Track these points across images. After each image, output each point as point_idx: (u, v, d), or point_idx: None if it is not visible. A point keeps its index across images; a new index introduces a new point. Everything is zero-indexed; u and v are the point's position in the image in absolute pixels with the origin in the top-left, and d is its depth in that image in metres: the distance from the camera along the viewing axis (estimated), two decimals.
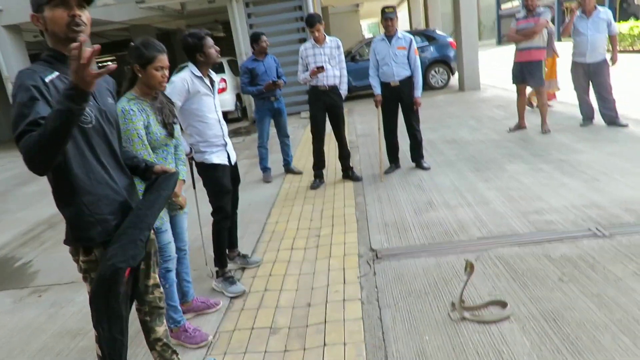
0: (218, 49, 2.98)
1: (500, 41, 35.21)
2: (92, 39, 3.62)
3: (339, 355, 2.26)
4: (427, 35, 11.86)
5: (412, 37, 5.06)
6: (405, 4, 18.79)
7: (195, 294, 2.89)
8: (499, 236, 3.31)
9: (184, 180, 2.60)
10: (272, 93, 5.36)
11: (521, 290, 2.58)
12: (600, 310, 2.30)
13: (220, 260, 3.10)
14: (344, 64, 5.01)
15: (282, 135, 5.66)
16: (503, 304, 2.43)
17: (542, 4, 6.98)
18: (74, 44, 1.24)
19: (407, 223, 3.78)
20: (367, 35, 33.02)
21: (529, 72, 6.01)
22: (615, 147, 5.03)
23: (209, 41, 2.89)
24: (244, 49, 10.29)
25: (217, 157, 3.02)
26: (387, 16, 4.90)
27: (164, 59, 2.29)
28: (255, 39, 5.23)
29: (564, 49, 7.54)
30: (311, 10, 9.88)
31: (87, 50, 1.23)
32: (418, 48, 11.21)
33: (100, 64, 20.00)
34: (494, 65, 16.06)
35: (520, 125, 6.41)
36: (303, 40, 10.17)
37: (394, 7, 5.17)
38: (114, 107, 1.77)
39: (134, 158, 1.91)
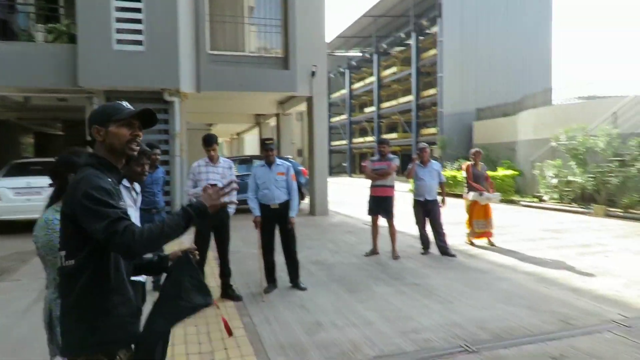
0: (147, 171, 2.91)
1: (330, 172, 39.84)
2: None
3: None
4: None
5: (289, 164, 5.66)
6: (256, 129, 20.36)
7: None
8: (390, 354, 3.63)
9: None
10: (154, 205, 5.20)
11: None
12: None
13: None
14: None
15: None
16: None
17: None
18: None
19: (303, 344, 3.86)
20: None
21: (382, 205, 7.05)
22: (452, 273, 6.08)
23: (143, 159, 2.86)
24: None
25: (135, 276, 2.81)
26: (268, 147, 5.46)
27: None
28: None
29: (401, 188, 9.09)
30: (177, 122, 10.07)
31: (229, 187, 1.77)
32: None
33: None
34: (329, 194, 18.03)
35: (374, 251, 7.28)
36: (165, 152, 10.16)
37: (272, 139, 5.81)
38: None
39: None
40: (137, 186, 2.95)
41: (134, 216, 2.86)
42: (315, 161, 11.84)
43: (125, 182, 2.80)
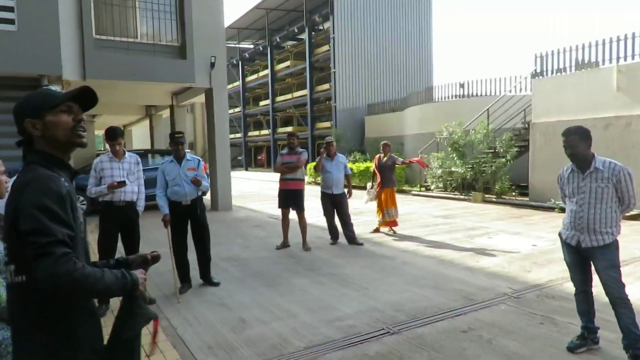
0: None
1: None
2: None
3: None
4: None
5: (200, 159, 5.47)
6: (146, 121, 19.10)
7: None
8: (320, 344, 3.72)
9: None
10: None
11: None
12: None
13: None
14: (142, 180, 4.91)
15: None
16: None
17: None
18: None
19: (231, 343, 3.77)
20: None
21: (292, 199, 7.12)
22: (363, 261, 6.38)
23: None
24: None
25: None
26: (178, 141, 5.21)
27: None
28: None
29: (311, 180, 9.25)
30: None
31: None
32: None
33: None
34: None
35: (285, 244, 7.33)
36: None
37: (182, 133, 5.54)
38: None
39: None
40: None
41: None
42: (216, 155, 11.50)
43: None
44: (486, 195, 13.05)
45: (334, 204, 7.50)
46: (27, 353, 1.44)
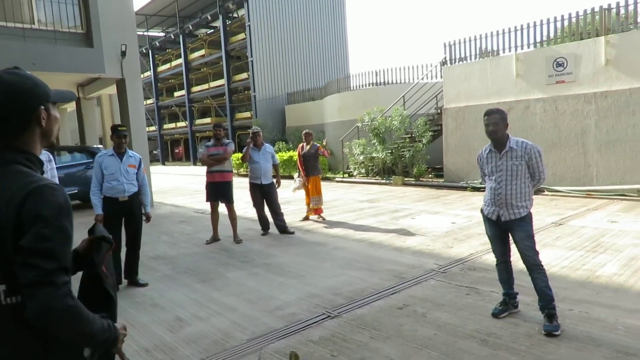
0: None
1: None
2: None
3: None
4: (88, 152, 11.50)
5: (140, 156, 5.24)
6: None
7: None
8: (263, 334, 3.70)
9: None
10: None
11: None
12: None
13: None
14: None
15: None
16: None
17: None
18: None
19: (169, 343, 3.63)
20: None
21: (221, 191, 6.95)
22: (295, 249, 6.43)
23: None
24: None
25: None
26: (121, 134, 4.96)
27: None
28: None
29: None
30: None
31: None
32: (84, 165, 10.74)
33: None
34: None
35: (215, 238, 7.15)
36: None
37: (125, 127, 5.27)
38: None
39: None
40: None
41: None
42: (134, 149, 10.82)
43: None
44: (405, 179, 13.71)
45: (264, 195, 7.44)
46: None
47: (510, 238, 3.73)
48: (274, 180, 7.56)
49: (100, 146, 13.23)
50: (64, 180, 4.75)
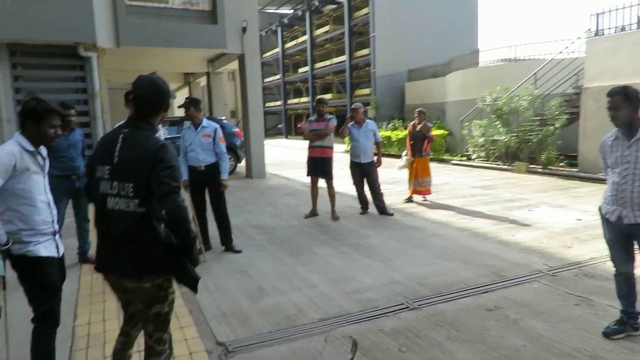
0: (58, 132, 2.58)
1: (265, 134, 39.06)
2: None
3: None
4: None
5: (217, 126, 5.39)
6: (186, 89, 19.28)
7: None
8: (335, 316, 3.61)
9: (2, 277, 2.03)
10: (73, 171, 4.71)
11: None
12: None
13: None
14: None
15: (81, 218, 4.93)
16: None
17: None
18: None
19: (246, 311, 3.73)
20: None
21: (320, 167, 6.95)
22: (391, 232, 6.19)
23: (54, 119, 2.49)
24: (5, 114, 8.68)
25: (45, 249, 2.49)
26: (188, 106, 5.19)
27: None
28: None
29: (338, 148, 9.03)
30: (95, 80, 9.17)
31: None
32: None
33: None
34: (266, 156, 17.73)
35: (313, 212, 7.22)
36: (84, 114, 9.30)
37: (190, 98, 5.58)
38: None
39: None
40: (43, 150, 2.58)
41: (41, 182, 2.52)
42: (250, 122, 11.43)
43: (28, 145, 2.43)
44: (531, 166, 12.36)
45: (363, 173, 7.26)
46: (149, 262, 2.10)
47: (636, 245, 3.06)
48: (375, 159, 7.32)
49: (223, 117, 14.20)
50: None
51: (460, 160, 15.07)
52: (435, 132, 16.32)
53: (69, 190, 4.73)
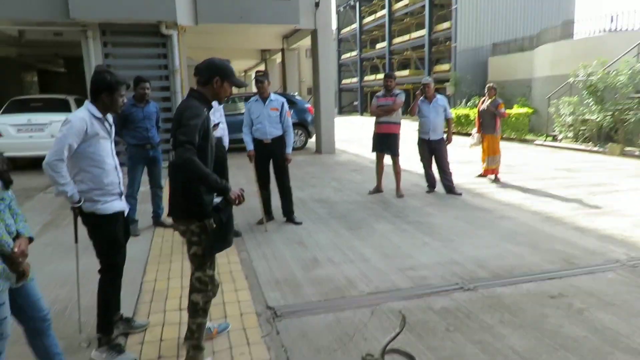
0: (125, 102, 2.79)
1: (340, 111, 39.08)
2: None
3: None
4: (286, 99, 12.63)
5: (284, 100, 5.45)
6: (262, 66, 19.75)
7: None
8: (385, 291, 3.59)
9: (30, 239, 2.15)
10: (148, 141, 5.06)
11: (418, 341, 2.83)
12: (485, 354, 2.66)
13: (107, 326, 2.70)
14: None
15: (155, 185, 5.31)
16: (412, 359, 2.60)
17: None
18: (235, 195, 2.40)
19: (298, 280, 3.83)
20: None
21: (386, 143, 6.82)
22: (456, 212, 5.96)
23: (123, 89, 2.68)
24: None
25: (112, 207, 2.71)
26: (258, 79, 5.28)
27: None
28: (135, 83, 4.94)
29: (409, 126, 8.80)
30: (176, 57, 9.69)
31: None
32: None
33: None
34: (337, 132, 17.73)
35: (378, 189, 7.15)
36: (166, 89, 9.89)
37: (264, 72, 5.59)
38: None
39: None
40: (110, 118, 2.78)
41: (109, 147, 2.72)
42: (321, 98, 11.47)
43: (97, 113, 2.63)
44: (626, 148, 11.19)
45: (431, 151, 7.02)
46: (182, 208, 2.46)
47: None
48: (444, 136, 7.03)
49: (295, 93, 14.38)
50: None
51: (544, 141, 14.02)
52: (518, 110, 15.35)
53: (144, 158, 5.09)
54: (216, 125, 4.90)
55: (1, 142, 8.95)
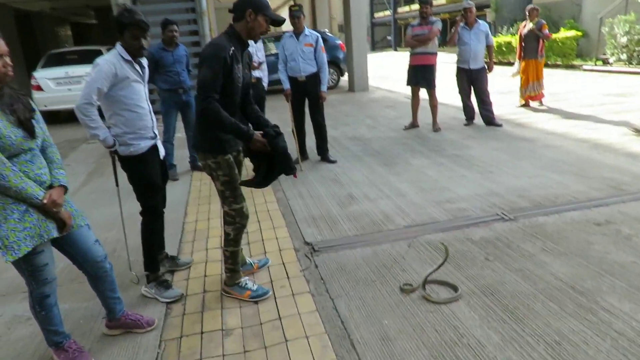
0: (145, 43, 2.67)
1: (373, 47, 37.62)
2: None
3: (304, 348, 2.22)
4: None
5: (318, 35, 5.22)
6: (291, 4, 19.07)
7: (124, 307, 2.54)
8: (422, 224, 3.56)
9: (65, 187, 2.13)
10: (180, 85, 5.05)
11: (457, 270, 2.82)
12: (526, 282, 2.62)
13: (152, 264, 2.83)
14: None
15: (190, 130, 5.35)
16: (454, 288, 2.60)
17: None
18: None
19: (334, 216, 3.85)
20: None
21: (422, 75, 6.53)
22: (496, 143, 5.74)
23: (143, 27, 2.59)
24: None
25: (147, 149, 2.75)
26: (294, 14, 5.03)
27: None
28: (162, 26, 4.86)
29: (444, 58, 8.36)
30: (203, 1, 9.46)
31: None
32: None
33: None
34: (370, 69, 17.17)
35: (414, 124, 6.95)
36: (194, 33, 9.75)
37: (300, 6, 5.32)
38: None
39: None
40: (143, 60, 2.75)
41: (142, 90, 2.71)
42: (352, 34, 11.02)
43: (126, 55, 2.60)
44: None
45: (471, 80, 6.68)
46: (201, 142, 2.54)
47: None
48: (485, 65, 6.65)
49: (326, 30, 13.88)
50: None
51: (595, 65, 13.07)
52: (565, 33, 14.23)
53: (177, 102, 5.11)
54: (260, 64, 4.87)
55: (43, 96, 9.21)
